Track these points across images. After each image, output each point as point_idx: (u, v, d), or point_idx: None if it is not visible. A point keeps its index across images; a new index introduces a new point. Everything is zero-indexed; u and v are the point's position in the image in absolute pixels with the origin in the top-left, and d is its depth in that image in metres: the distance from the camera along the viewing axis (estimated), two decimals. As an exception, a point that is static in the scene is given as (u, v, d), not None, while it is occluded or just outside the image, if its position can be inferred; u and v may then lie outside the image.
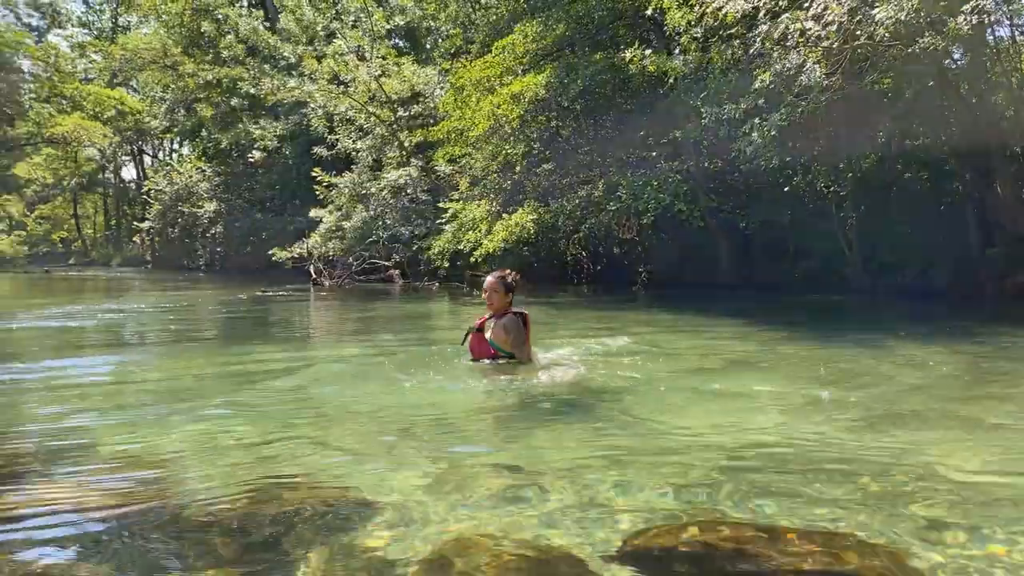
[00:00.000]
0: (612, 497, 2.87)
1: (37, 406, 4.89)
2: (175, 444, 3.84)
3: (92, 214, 70.78)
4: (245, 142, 32.27)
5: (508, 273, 5.69)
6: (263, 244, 30.17)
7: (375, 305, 14.78)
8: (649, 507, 2.77)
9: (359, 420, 4.34)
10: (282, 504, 2.86)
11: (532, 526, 2.56)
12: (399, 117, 23.17)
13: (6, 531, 2.61)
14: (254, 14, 24.25)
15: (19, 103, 46.62)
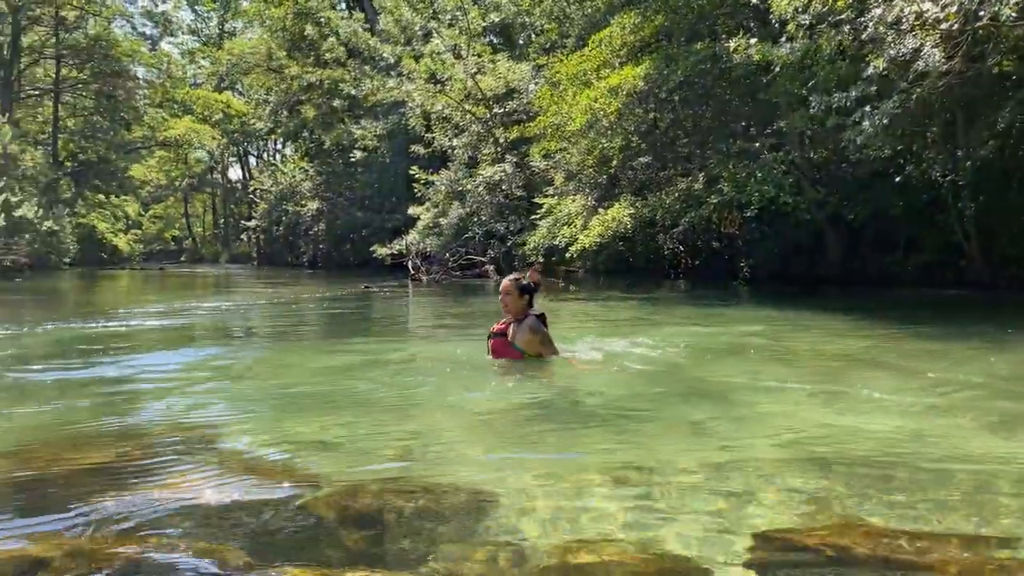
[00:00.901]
0: (734, 499, 2.81)
1: (167, 398, 5.12)
2: (301, 436, 3.96)
3: (201, 213, 74.23)
4: (347, 142, 33.13)
5: (524, 276, 5.60)
6: (362, 241, 30.94)
7: (472, 300, 14.92)
8: (774, 509, 2.69)
9: (472, 417, 4.37)
10: (405, 498, 2.90)
11: (655, 528, 2.53)
12: (494, 114, 23.31)
13: (148, 517, 2.72)
14: (355, 16, 24.84)
15: (135, 109, 49.20)
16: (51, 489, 3.06)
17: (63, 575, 2.13)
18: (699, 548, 2.36)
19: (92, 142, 48.82)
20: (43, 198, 34.12)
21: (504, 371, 5.45)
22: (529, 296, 5.45)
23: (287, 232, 39.33)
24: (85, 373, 6.00)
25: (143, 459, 3.57)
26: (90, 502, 2.87)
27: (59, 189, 40.07)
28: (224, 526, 2.65)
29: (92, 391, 5.30)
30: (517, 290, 5.39)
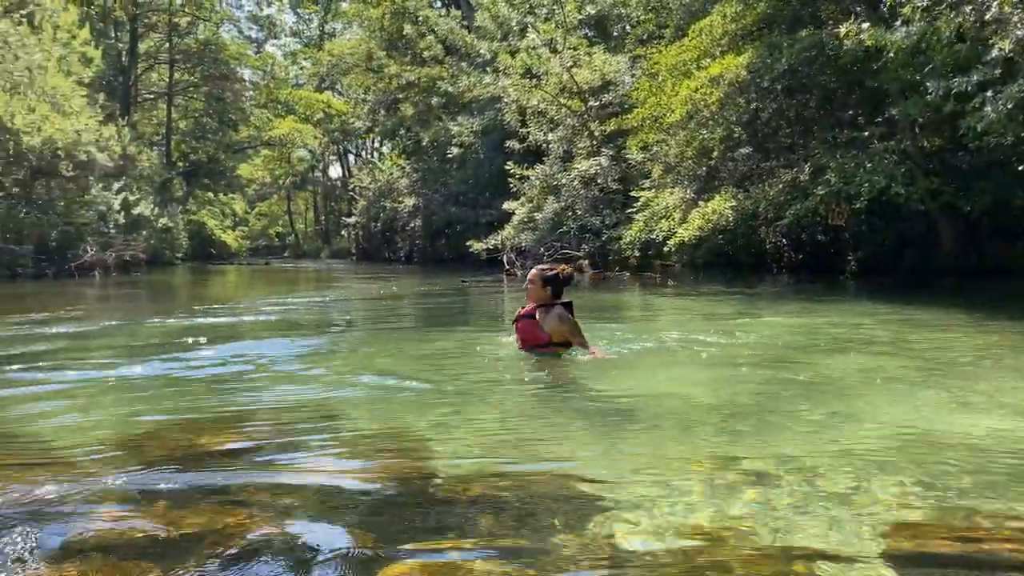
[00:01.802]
0: (854, 493, 2.72)
1: (281, 385, 5.32)
2: (410, 424, 4.05)
3: (303, 210, 76.76)
4: (443, 139, 33.64)
5: (550, 268, 5.83)
6: (457, 236, 31.36)
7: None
8: (898, 504, 2.60)
9: (578, 407, 4.39)
10: (519, 487, 2.92)
11: (771, 521, 2.47)
12: (590, 107, 23.21)
13: (274, 496, 2.84)
14: (452, 14, 25.19)
15: (242, 110, 51.29)
16: (190, 470, 3.23)
17: (204, 550, 2.25)
18: (826, 542, 2.30)
19: (202, 143, 51.20)
20: (158, 197, 36.02)
21: (605, 366, 5.46)
22: (552, 287, 5.71)
23: (384, 228, 40.21)
24: (204, 362, 6.29)
25: (266, 442, 3.73)
26: (223, 483, 3.02)
27: (172, 188, 42.19)
28: (348, 507, 2.74)
29: (212, 378, 5.56)
30: (540, 280, 5.70)
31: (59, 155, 23.42)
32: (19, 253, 22.48)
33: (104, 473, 3.17)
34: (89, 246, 24.64)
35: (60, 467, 3.29)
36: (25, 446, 3.71)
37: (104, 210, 26.22)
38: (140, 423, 4.17)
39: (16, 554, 2.18)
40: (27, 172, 23.20)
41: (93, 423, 4.24)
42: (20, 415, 4.41)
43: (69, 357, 6.70)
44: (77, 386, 5.24)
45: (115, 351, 7.07)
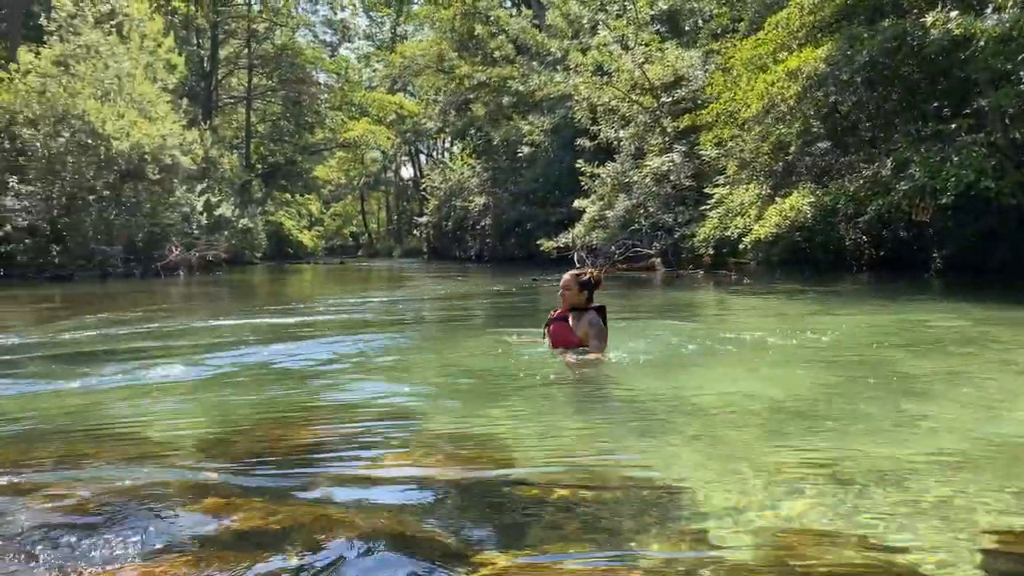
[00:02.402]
0: (949, 496, 2.64)
1: (361, 382, 5.44)
2: (490, 423, 4.09)
3: (376, 210, 78.09)
4: (514, 138, 33.76)
5: (585, 272, 5.88)
6: (526, 234, 31.42)
7: (640, 293, 14.79)
8: (994, 508, 2.51)
9: (657, 408, 4.36)
10: (603, 487, 2.93)
11: (860, 526, 2.42)
12: (662, 103, 22.95)
13: (357, 494, 2.92)
14: (524, 13, 25.24)
15: (318, 112, 52.49)
16: (279, 465, 3.34)
17: (295, 544, 2.32)
18: (920, 548, 2.24)
19: (280, 145, 52.58)
20: (238, 198, 37.14)
21: (684, 367, 5.41)
22: (588, 291, 5.79)
23: (455, 227, 40.59)
24: (286, 358, 6.48)
25: (349, 439, 3.83)
26: (311, 478, 3.12)
27: (251, 190, 43.45)
28: (433, 506, 2.78)
29: (295, 375, 5.73)
30: (577, 285, 5.78)
31: (146, 159, 24.40)
32: (109, 253, 23.54)
33: (200, 467, 3.30)
34: (174, 246, 25.60)
35: (158, 461, 3.45)
36: (125, 440, 3.89)
37: (188, 211, 27.21)
38: (229, 418, 4.33)
39: (126, 544, 2.29)
40: (116, 176, 24.24)
41: (186, 418, 4.42)
42: (119, 410, 4.62)
43: (160, 354, 6.99)
44: (169, 382, 5.46)
45: (203, 348, 7.34)
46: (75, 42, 24.76)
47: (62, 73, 23.87)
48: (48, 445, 3.69)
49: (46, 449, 3.60)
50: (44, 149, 23.11)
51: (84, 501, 2.68)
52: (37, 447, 3.64)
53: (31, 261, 22.48)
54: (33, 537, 2.34)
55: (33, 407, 4.64)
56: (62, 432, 4.02)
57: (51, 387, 5.26)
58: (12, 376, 5.70)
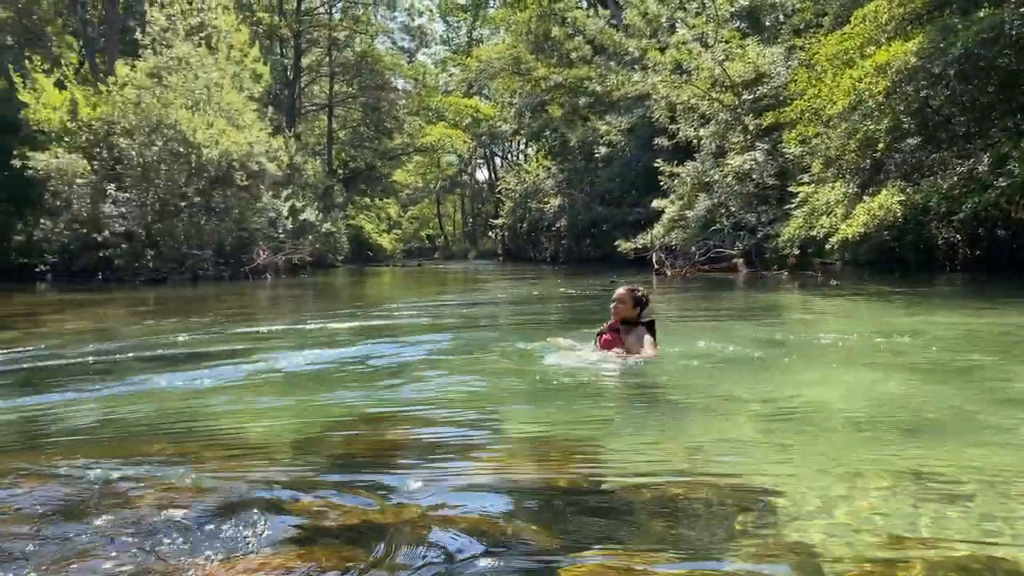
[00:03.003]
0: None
1: (449, 383, 5.51)
2: (576, 424, 4.09)
3: (452, 213, 78.98)
4: (590, 138, 33.68)
5: (639, 288, 5.99)
6: (603, 235, 31.27)
7: (722, 295, 14.55)
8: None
9: (745, 411, 4.29)
10: (694, 490, 2.90)
11: (968, 534, 2.34)
12: (743, 100, 22.52)
13: (450, 493, 2.96)
14: (600, 13, 25.14)
15: (396, 118, 53.43)
16: (376, 463, 3.42)
17: (395, 540, 2.37)
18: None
19: (360, 151, 53.74)
20: (321, 203, 38.09)
21: (769, 368, 5.31)
22: (641, 307, 5.89)
23: (530, 229, 40.70)
24: (375, 358, 6.62)
25: (439, 439, 3.89)
26: (406, 476, 3.17)
27: (333, 194, 44.48)
28: (523, 507, 2.80)
29: (381, 375, 5.83)
30: (631, 300, 5.89)
31: (234, 166, 25.28)
32: (200, 257, 24.48)
33: (302, 464, 3.42)
34: (261, 250, 26.44)
35: (260, 459, 3.57)
36: (228, 438, 4.05)
37: (274, 216, 28.07)
38: (323, 418, 4.46)
39: (240, 537, 2.39)
40: (206, 182, 25.19)
41: (282, 417, 4.57)
42: (218, 409, 4.81)
43: (253, 354, 7.23)
44: (263, 382, 5.65)
45: (293, 348, 7.56)
46: (167, 54, 25.85)
47: (155, 85, 24.95)
48: (159, 442, 3.87)
49: (157, 445, 3.77)
50: (139, 158, 24.19)
51: (197, 496, 2.80)
52: (148, 444, 3.82)
53: (127, 265, 23.56)
54: (153, 529, 2.46)
55: (140, 406, 4.87)
56: (169, 430, 4.21)
57: (154, 386, 5.50)
58: (118, 376, 5.99)
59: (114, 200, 24.17)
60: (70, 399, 5.12)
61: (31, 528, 2.47)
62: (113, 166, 24.85)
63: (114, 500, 2.77)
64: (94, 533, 2.42)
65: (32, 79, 25.34)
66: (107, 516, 2.57)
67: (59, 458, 3.45)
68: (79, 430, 4.26)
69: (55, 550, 2.30)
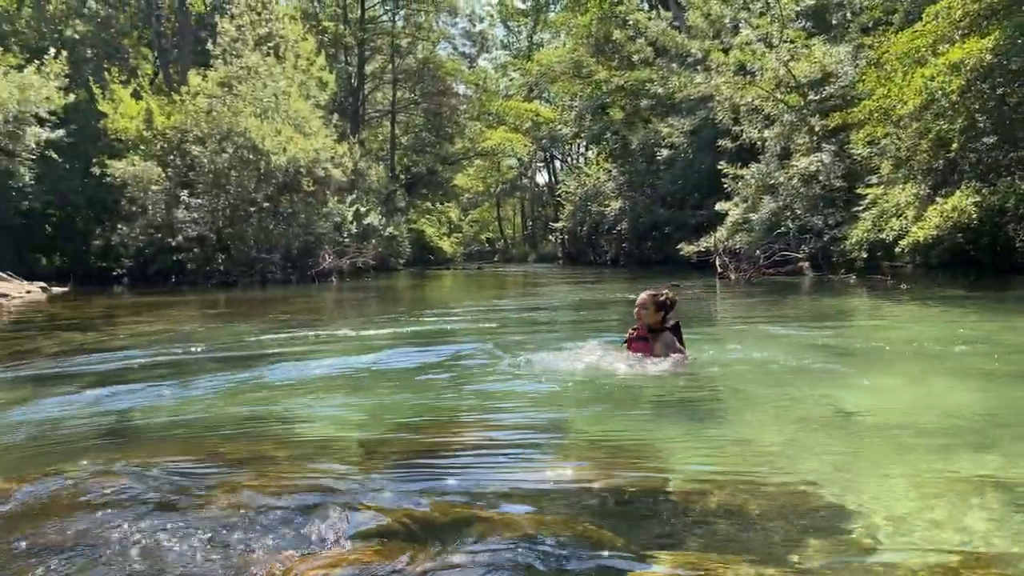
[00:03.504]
0: None
1: (512, 386, 5.55)
2: (643, 430, 4.10)
3: (511, 216, 79.20)
4: (652, 141, 33.44)
5: (662, 293, 5.92)
6: (664, 238, 30.98)
7: (788, 299, 14.28)
8: None
9: (813, 418, 4.24)
10: (761, 495, 2.89)
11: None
12: (809, 101, 22.07)
13: (519, 499, 3.00)
14: (662, 15, 24.94)
15: (457, 123, 53.92)
16: (443, 465, 3.50)
17: (464, 541, 2.43)
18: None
19: (421, 156, 54.38)
20: (384, 207, 38.67)
21: (836, 374, 5.22)
22: (664, 311, 5.87)
23: (590, 231, 40.56)
24: (434, 360, 6.73)
25: (506, 441, 3.95)
26: (474, 478, 3.24)
27: (396, 199, 45.12)
28: (592, 510, 2.84)
29: (445, 376, 5.91)
30: (654, 305, 5.86)
31: (301, 172, 25.87)
32: (269, 260, 25.13)
33: (369, 463, 3.51)
34: (327, 253, 26.98)
35: (331, 457, 3.69)
36: (299, 438, 4.18)
37: (339, 221, 28.61)
38: (389, 419, 4.57)
39: (316, 534, 2.49)
40: (274, 188, 25.84)
41: (350, 418, 4.69)
42: (289, 409, 4.96)
43: (320, 356, 7.41)
44: (330, 383, 5.80)
45: (359, 349, 7.73)
46: (237, 64, 26.61)
47: (226, 94, 25.70)
48: (232, 442, 4.02)
49: (231, 445, 3.92)
50: (211, 164, 24.96)
51: (271, 494, 2.92)
52: (223, 443, 3.97)
53: (199, 268, 24.34)
54: (231, 524, 2.58)
55: (214, 406, 5.05)
56: (242, 430, 4.37)
57: (227, 387, 5.70)
58: (193, 377, 6.22)
59: (187, 206, 25.02)
60: (149, 399, 5.34)
61: (119, 522, 2.61)
62: (186, 173, 25.71)
63: (195, 496, 2.90)
64: (176, 527, 2.55)
65: (110, 90, 26.41)
66: (188, 511, 2.70)
67: (143, 456, 3.63)
68: (158, 429, 4.45)
69: (142, 543, 2.43)
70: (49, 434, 4.36)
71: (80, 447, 4.03)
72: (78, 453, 3.84)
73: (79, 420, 4.68)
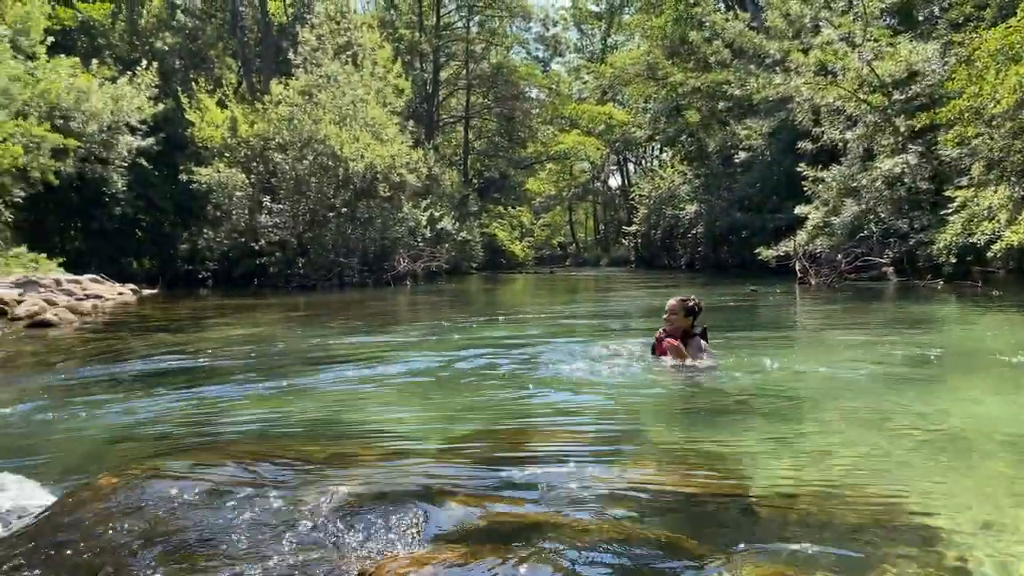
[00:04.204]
0: None
1: (585, 391, 5.56)
2: (723, 436, 4.05)
3: (583, 220, 78.98)
4: (728, 143, 32.91)
5: (691, 298, 6.19)
6: (741, 242, 30.42)
7: (873, 305, 13.85)
8: None
9: (904, 429, 4.11)
10: (852, 510, 2.84)
11: None
12: (894, 101, 21.35)
13: (600, 498, 3.01)
14: (740, 16, 24.50)
15: (530, 127, 54.08)
16: (522, 468, 3.52)
17: (549, 541, 2.45)
18: None
19: (494, 160, 54.75)
20: (457, 212, 39.08)
21: (926, 385, 5.05)
22: (693, 317, 6.16)
23: (664, 235, 40.12)
24: (510, 363, 6.77)
25: (585, 445, 3.96)
26: (551, 481, 3.26)
27: (468, 203, 45.54)
28: (669, 515, 2.83)
29: (521, 379, 5.96)
30: (683, 310, 6.13)
31: (378, 178, 26.38)
32: (347, 264, 25.71)
33: (451, 464, 3.57)
34: (402, 257, 27.44)
35: (415, 457, 3.76)
36: (382, 439, 4.27)
37: (413, 225, 29.07)
38: (469, 420, 4.63)
39: (400, 533, 2.55)
40: (352, 194, 26.42)
41: (431, 419, 4.77)
42: (371, 411, 5.08)
43: (400, 358, 7.55)
44: (411, 384, 5.90)
45: (437, 351, 7.83)
46: (317, 73, 27.31)
47: (306, 102, 26.41)
48: (318, 442, 4.14)
49: (317, 444, 4.04)
50: (292, 171, 25.70)
51: (360, 492, 2.99)
52: (310, 443, 4.10)
53: (280, 272, 25.08)
54: (323, 522, 2.66)
55: (300, 406, 5.21)
56: (327, 431, 4.49)
57: (312, 388, 5.87)
58: (279, 378, 6.42)
59: (269, 211, 25.85)
60: (238, 399, 5.54)
61: (219, 517, 2.72)
62: (268, 179, 26.54)
63: (287, 493, 3.00)
64: (273, 523, 2.64)
65: (197, 99, 27.44)
66: (283, 507, 2.80)
67: (235, 453, 3.77)
68: (246, 427, 4.62)
69: (241, 537, 2.53)
70: (147, 431, 4.57)
71: (176, 444, 4.21)
72: (174, 450, 4.02)
73: (173, 418, 4.90)
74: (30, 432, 4.71)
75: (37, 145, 17.93)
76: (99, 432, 4.62)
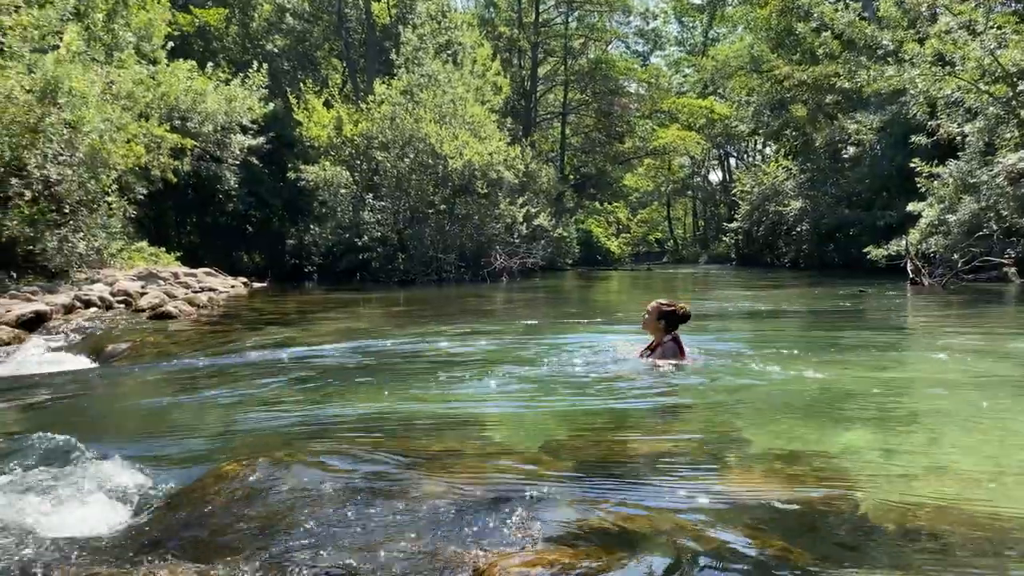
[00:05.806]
0: None
1: (680, 395, 5.50)
2: (829, 444, 3.95)
3: (682, 216, 77.74)
4: (837, 137, 31.73)
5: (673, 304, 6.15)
6: (848, 241, 29.31)
7: (990, 308, 13.14)
8: None
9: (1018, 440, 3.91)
10: (969, 524, 2.74)
11: None
12: (1019, 92, 20.10)
13: (704, 506, 3.00)
14: (851, 7, 23.53)
15: (628, 123, 53.57)
16: (620, 474, 3.53)
17: (647, 547, 2.46)
18: None
19: (591, 156, 54.50)
20: (553, 208, 39.09)
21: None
22: (666, 321, 6.13)
23: (767, 232, 39.03)
24: (606, 365, 6.75)
25: (686, 452, 3.93)
26: (654, 487, 3.26)
27: (565, 200, 45.51)
28: (775, 523, 2.79)
29: (615, 382, 5.94)
30: (657, 315, 6.14)
31: (476, 175, 26.72)
32: (445, 260, 26.20)
33: (552, 467, 3.61)
34: (498, 254, 27.70)
35: (516, 457, 3.82)
36: (483, 437, 4.35)
37: (510, 222, 29.26)
38: (570, 423, 4.65)
39: (510, 533, 2.60)
40: (450, 191, 26.86)
41: (530, 420, 4.82)
42: (472, 408, 5.18)
43: (498, 357, 7.63)
44: (509, 382, 5.97)
45: (535, 349, 7.88)
46: (418, 72, 27.87)
47: (408, 101, 27.00)
48: (422, 437, 4.26)
49: (421, 441, 4.15)
50: (393, 169, 26.35)
51: (463, 491, 3.08)
52: (414, 439, 4.21)
53: (382, 267, 25.77)
54: (431, 519, 2.74)
55: (401, 401, 5.35)
56: (429, 428, 4.61)
57: (411, 381, 6.02)
58: (383, 374, 6.61)
59: (371, 208, 26.59)
60: (348, 390, 5.75)
61: (331, 508, 2.85)
62: (371, 177, 27.30)
63: (394, 487, 3.11)
64: (382, 517, 2.75)
65: (305, 99, 28.44)
66: (391, 501, 2.91)
67: (344, 446, 3.92)
68: (353, 420, 4.78)
69: (352, 530, 2.64)
70: (265, 421, 4.80)
71: (294, 434, 4.40)
72: (293, 439, 4.21)
73: (288, 408, 5.12)
74: (155, 419, 5.03)
75: (158, 145, 18.97)
76: (219, 421, 4.88)
